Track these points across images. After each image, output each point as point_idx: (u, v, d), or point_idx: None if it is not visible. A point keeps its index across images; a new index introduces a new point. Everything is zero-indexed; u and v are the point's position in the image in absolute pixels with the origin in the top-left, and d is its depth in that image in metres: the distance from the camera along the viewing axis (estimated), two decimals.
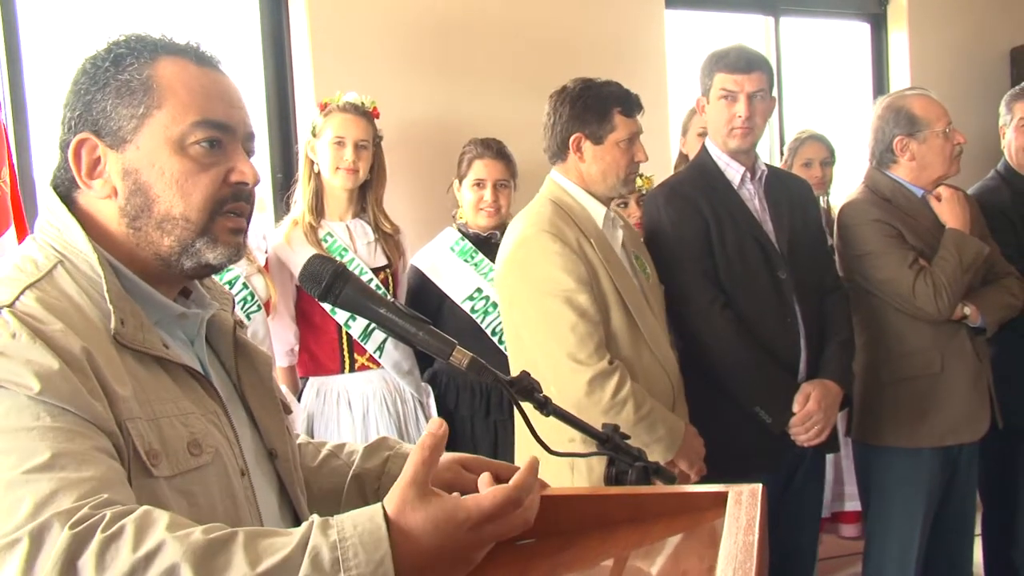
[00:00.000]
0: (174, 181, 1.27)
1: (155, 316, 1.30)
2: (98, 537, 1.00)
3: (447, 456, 1.53)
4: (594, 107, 2.71)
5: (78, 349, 1.14)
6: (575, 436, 1.54)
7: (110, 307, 1.21)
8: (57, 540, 1.00)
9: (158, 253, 1.29)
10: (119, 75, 1.27)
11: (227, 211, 1.31)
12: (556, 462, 1.55)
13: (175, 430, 1.21)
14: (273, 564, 1.00)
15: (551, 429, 1.51)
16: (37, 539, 1.00)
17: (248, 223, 1.36)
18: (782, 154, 4.37)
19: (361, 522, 1.04)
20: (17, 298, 1.18)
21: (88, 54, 1.31)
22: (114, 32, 1.32)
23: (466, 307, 3.29)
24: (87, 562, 0.99)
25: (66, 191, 1.31)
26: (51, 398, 1.09)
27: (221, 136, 1.29)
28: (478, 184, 3.37)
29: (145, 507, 1.03)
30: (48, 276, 1.23)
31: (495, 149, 3.38)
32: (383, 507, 1.06)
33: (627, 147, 2.72)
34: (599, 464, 2.53)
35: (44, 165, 3.21)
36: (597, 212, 2.75)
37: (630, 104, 2.74)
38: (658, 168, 3.85)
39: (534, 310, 2.67)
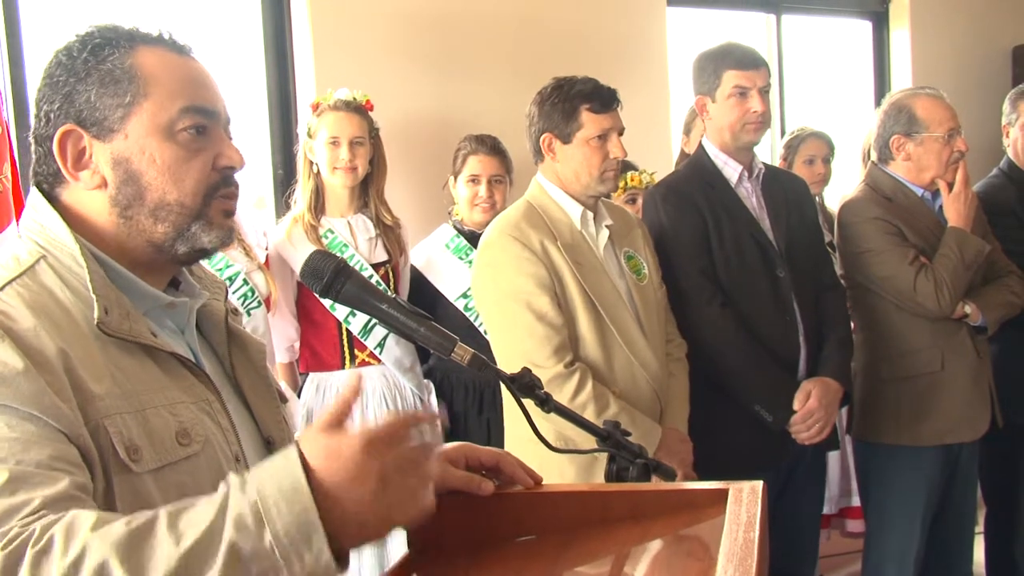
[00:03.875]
0: (166, 168, 1.27)
1: (143, 306, 1.29)
2: (29, 553, 0.99)
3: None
4: (560, 106, 2.69)
5: (51, 348, 1.14)
6: (548, 438, 1.54)
7: (93, 296, 1.21)
8: None
9: (151, 240, 1.29)
10: (100, 65, 1.27)
11: (219, 195, 1.31)
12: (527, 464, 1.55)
13: (162, 420, 1.21)
14: (197, 537, 0.99)
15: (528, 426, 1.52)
16: None
17: (236, 205, 1.36)
18: None
19: (278, 473, 1.02)
20: (10, 282, 1.18)
21: (59, 46, 1.30)
22: (83, 25, 1.32)
23: (459, 305, 3.30)
24: None
25: (50, 186, 1.30)
26: (12, 401, 1.09)
27: (207, 122, 1.29)
28: (473, 180, 3.38)
29: (74, 511, 1.02)
30: (30, 271, 1.22)
31: (489, 145, 3.39)
32: (299, 452, 1.03)
33: (598, 144, 2.69)
34: (571, 467, 2.55)
35: None
36: (574, 212, 2.73)
37: (600, 100, 2.69)
38: (660, 166, 3.85)
39: (497, 312, 2.69)
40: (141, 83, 1.26)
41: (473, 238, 3.32)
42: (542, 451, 1.53)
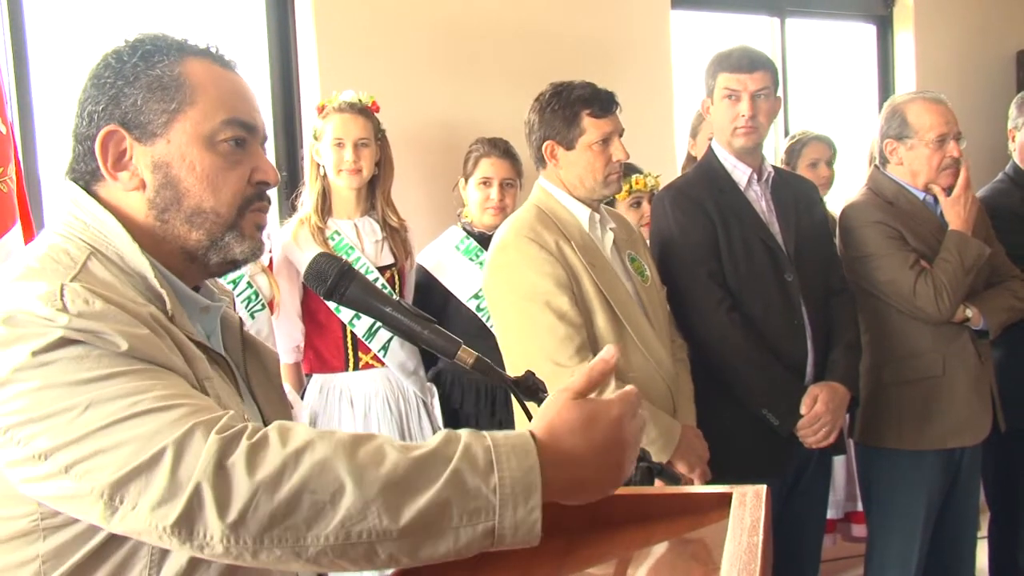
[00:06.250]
0: (205, 176, 1.29)
1: (183, 309, 1.31)
2: (245, 441, 1.03)
3: None
4: (561, 113, 2.69)
5: (146, 315, 1.18)
6: None
7: (161, 290, 1.25)
8: (206, 443, 1.02)
9: (184, 247, 1.31)
10: (149, 71, 1.29)
11: (253, 209, 1.34)
12: None
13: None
14: (425, 454, 1.04)
15: None
16: (181, 446, 1.03)
17: (266, 219, 1.39)
18: None
19: (510, 435, 1.08)
20: (76, 277, 1.19)
21: (109, 49, 1.33)
22: (133, 30, 1.35)
23: (471, 306, 3.30)
24: (238, 459, 1.02)
25: (86, 184, 1.32)
26: (138, 353, 1.12)
27: (247, 135, 1.32)
28: (484, 183, 3.37)
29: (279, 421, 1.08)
30: (84, 267, 1.24)
31: (502, 148, 3.39)
32: (529, 430, 1.10)
33: (601, 148, 2.69)
34: None
35: (50, 163, 3.22)
36: (582, 215, 2.74)
37: (600, 104, 2.70)
38: (664, 168, 3.85)
39: (515, 314, 2.68)
40: (188, 91, 1.29)
41: (483, 240, 3.31)
42: None
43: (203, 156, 1.29)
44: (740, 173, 3.01)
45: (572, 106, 2.69)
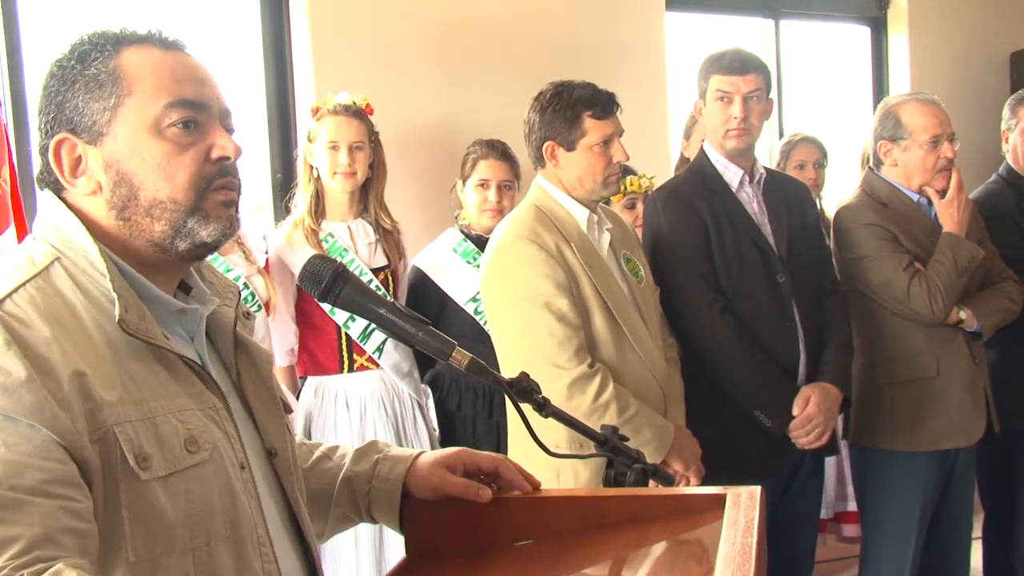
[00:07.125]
0: (156, 165, 1.26)
1: (154, 312, 1.29)
2: None
3: (430, 457, 1.53)
4: (563, 114, 2.69)
5: (58, 357, 1.13)
6: (560, 442, 1.54)
7: (114, 295, 1.21)
8: None
9: (151, 240, 1.28)
10: (85, 71, 1.27)
11: (216, 187, 1.30)
12: (540, 468, 1.55)
13: (171, 427, 1.21)
14: None
15: (540, 431, 1.51)
16: None
17: (239, 196, 1.34)
18: None
19: None
20: (8, 296, 1.17)
21: (53, 58, 1.31)
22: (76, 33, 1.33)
23: (469, 309, 3.29)
24: None
25: (55, 193, 1.31)
26: (13, 412, 1.08)
27: (196, 115, 1.28)
28: (482, 185, 3.36)
29: (59, 566, 1.01)
30: (44, 273, 1.22)
31: (500, 150, 3.38)
32: None
33: (602, 150, 2.69)
34: (585, 470, 2.56)
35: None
36: (580, 216, 2.74)
37: (602, 105, 2.70)
38: (658, 170, 3.85)
39: (513, 315, 2.68)
40: (124, 83, 1.26)
41: (480, 242, 3.30)
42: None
43: (151, 145, 1.26)
44: (732, 174, 3.02)
45: (573, 107, 2.69)
